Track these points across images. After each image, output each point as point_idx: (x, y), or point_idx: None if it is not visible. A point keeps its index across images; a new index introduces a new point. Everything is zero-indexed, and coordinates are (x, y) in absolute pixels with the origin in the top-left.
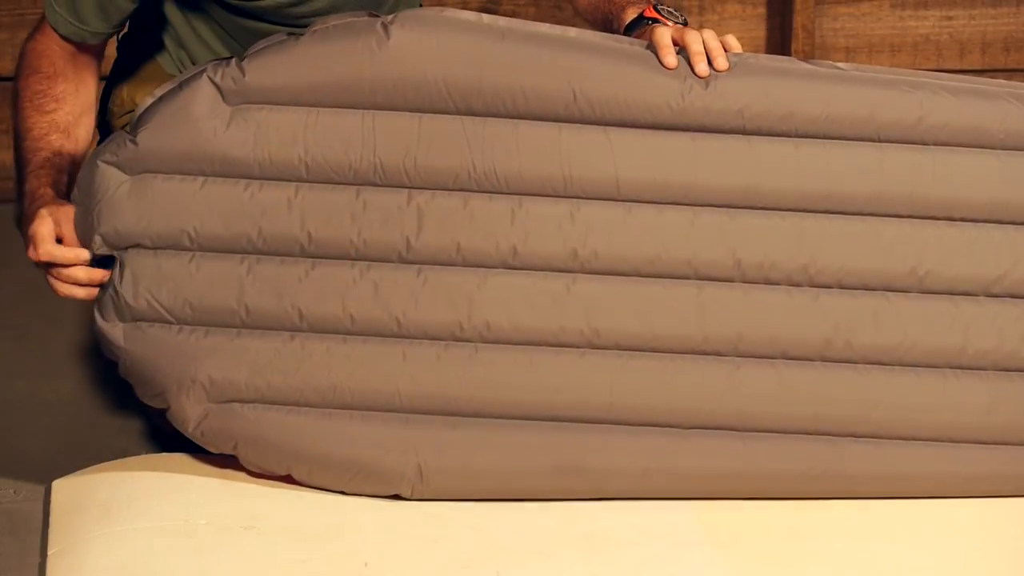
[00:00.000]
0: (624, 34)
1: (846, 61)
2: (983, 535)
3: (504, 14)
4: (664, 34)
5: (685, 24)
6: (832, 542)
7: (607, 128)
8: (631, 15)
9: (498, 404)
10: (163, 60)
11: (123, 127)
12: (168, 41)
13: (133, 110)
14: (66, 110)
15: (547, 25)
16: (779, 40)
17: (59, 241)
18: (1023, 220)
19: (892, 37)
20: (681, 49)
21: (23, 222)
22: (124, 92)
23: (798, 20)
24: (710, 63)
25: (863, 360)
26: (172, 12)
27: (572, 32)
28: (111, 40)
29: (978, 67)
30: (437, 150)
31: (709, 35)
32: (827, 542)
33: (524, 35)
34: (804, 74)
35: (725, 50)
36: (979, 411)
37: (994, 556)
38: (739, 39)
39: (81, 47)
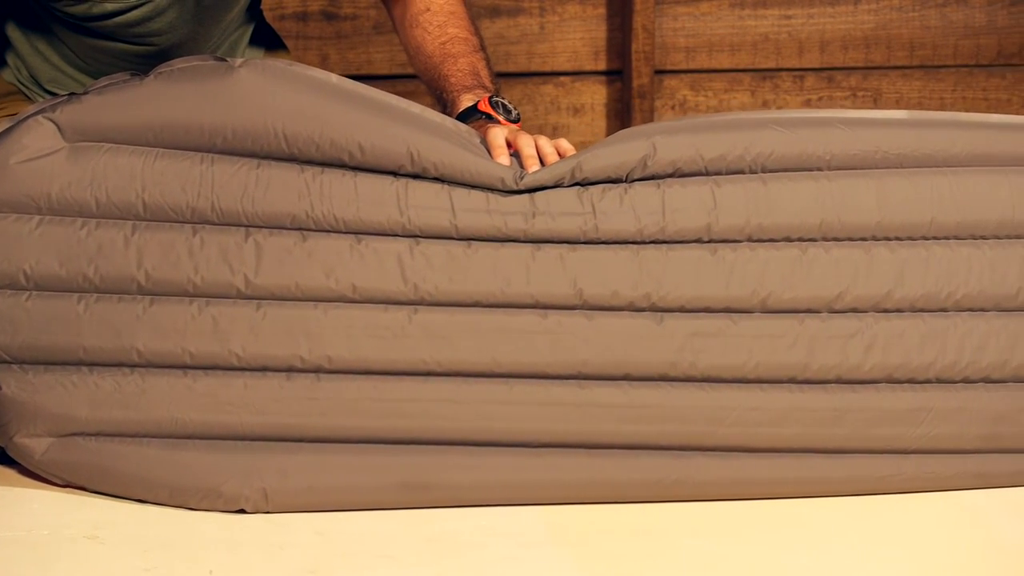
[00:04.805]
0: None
1: (686, 61)
2: (827, 531)
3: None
4: (498, 135)
5: (518, 119)
6: (678, 540)
7: (446, 184)
8: (465, 103)
9: (341, 429)
10: (5, 73)
11: None
12: (9, 56)
13: None
14: None
15: (395, 96)
16: (619, 40)
17: None
18: (859, 236)
19: (731, 36)
20: (515, 152)
21: None
22: None
23: (638, 20)
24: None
25: (708, 379)
26: (11, 28)
27: (416, 108)
28: None
29: (816, 65)
30: (275, 193)
31: (543, 141)
32: (673, 540)
33: (367, 101)
34: (632, 135)
35: (559, 155)
36: (825, 423)
37: (835, 551)
38: (579, 39)
39: None
